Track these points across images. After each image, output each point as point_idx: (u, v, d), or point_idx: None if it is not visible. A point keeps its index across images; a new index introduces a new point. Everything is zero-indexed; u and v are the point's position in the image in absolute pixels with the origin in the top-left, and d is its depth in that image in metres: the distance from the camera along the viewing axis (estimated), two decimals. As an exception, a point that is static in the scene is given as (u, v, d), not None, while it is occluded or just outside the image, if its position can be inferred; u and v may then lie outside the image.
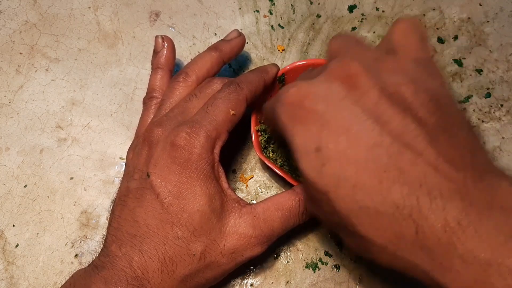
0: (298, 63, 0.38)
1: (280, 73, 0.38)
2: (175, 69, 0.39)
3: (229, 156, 0.40)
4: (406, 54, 0.26)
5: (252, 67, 0.44)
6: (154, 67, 0.38)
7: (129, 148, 0.35)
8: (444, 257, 0.20)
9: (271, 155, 0.38)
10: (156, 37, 0.38)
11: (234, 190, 0.38)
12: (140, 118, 0.37)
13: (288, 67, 0.38)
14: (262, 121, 0.38)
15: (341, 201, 0.23)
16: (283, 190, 0.39)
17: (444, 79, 0.26)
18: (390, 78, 0.24)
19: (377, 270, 0.36)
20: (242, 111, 0.33)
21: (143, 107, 0.37)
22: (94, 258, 0.30)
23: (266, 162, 0.35)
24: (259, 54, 0.45)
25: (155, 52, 0.38)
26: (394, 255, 0.22)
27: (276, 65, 0.38)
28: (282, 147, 0.38)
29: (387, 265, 0.24)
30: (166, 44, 0.38)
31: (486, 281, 0.19)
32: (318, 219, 0.30)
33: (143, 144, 0.33)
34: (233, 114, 0.32)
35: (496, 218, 0.20)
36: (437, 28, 0.45)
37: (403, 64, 0.26)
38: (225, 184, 0.32)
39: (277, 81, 0.38)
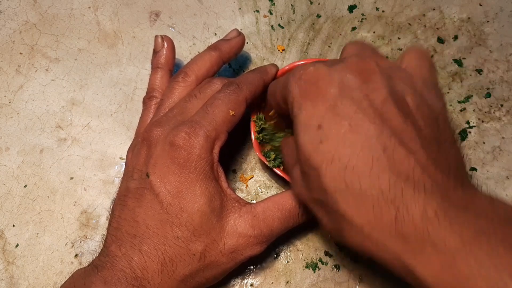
0: (297, 63, 0.38)
1: (279, 73, 0.38)
2: (175, 69, 0.39)
3: (229, 156, 0.40)
4: (417, 74, 0.28)
5: (252, 67, 0.44)
6: (154, 67, 0.38)
7: (129, 148, 0.35)
8: (417, 242, 0.22)
9: (272, 156, 0.38)
10: (156, 36, 0.38)
11: (234, 190, 0.38)
12: (140, 118, 0.37)
13: (287, 67, 0.38)
14: (262, 106, 0.38)
15: (330, 178, 0.25)
16: (283, 190, 0.39)
17: (445, 103, 0.29)
18: (399, 85, 0.27)
19: (377, 270, 0.36)
20: (241, 112, 0.33)
21: (143, 107, 0.37)
22: (94, 258, 0.30)
23: (266, 162, 0.35)
24: (259, 54, 0.45)
25: (155, 52, 0.38)
26: (368, 237, 0.24)
27: (275, 65, 0.37)
28: (278, 126, 0.38)
29: (357, 247, 0.25)
30: (166, 44, 0.38)
31: (453, 266, 0.20)
32: (300, 196, 0.31)
33: (142, 144, 0.33)
34: (232, 114, 0.32)
35: (469, 218, 0.22)
36: (437, 28, 0.45)
37: (413, 79, 0.28)
38: (224, 184, 0.32)
39: None
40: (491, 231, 0.21)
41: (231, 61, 0.43)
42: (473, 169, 0.40)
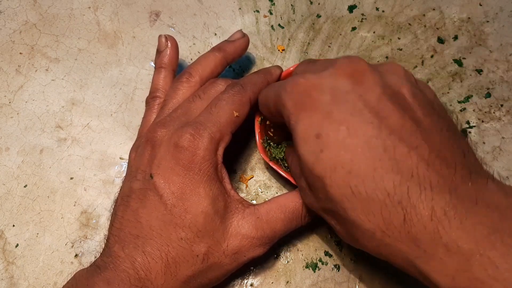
0: None
1: (283, 74, 0.37)
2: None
3: (229, 156, 0.40)
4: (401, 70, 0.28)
5: (252, 67, 0.44)
6: (157, 67, 0.38)
7: (132, 148, 0.35)
8: (429, 245, 0.21)
9: (276, 154, 0.38)
10: (160, 36, 0.38)
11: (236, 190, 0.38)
12: (143, 118, 0.37)
13: (292, 68, 0.38)
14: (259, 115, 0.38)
15: (335, 186, 0.24)
16: (284, 189, 0.39)
17: (433, 90, 0.29)
18: (392, 78, 0.26)
19: (377, 270, 0.36)
20: (245, 113, 0.33)
21: (146, 106, 0.37)
22: (96, 258, 0.30)
23: (271, 164, 0.35)
24: (259, 54, 0.45)
25: (158, 52, 0.38)
26: (381, 242, 0.23)
27: (279, 67, 0.37)
28: (280, 131, 0.38)
29: (373, 252, 0.25)
30: (169, 44, 0.38)
31: (468, 270, 0.20)
32: (311, 210, 0.31)
33: (146, 145, 0.32)
34: (236, 115, 0.32)
35: (481, 213, 0.21)
36: (437, 28, 0.45)
37: (403, 72, 0.28)
38: (228, 185, 0.32)
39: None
40: (505, 227, 0.20)
41: (231, 62, 0.43)
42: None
